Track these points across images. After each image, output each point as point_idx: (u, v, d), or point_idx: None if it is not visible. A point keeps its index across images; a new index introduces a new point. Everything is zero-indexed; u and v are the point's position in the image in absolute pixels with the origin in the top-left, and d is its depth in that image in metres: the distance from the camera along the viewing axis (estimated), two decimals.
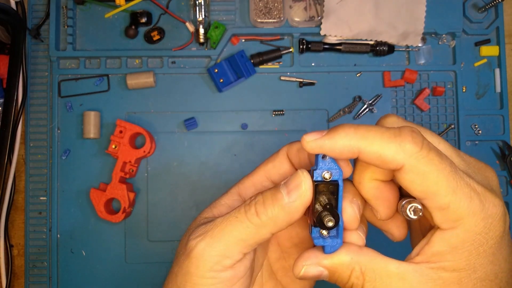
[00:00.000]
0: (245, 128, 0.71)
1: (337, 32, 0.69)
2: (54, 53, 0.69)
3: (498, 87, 0.73)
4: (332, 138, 0.32)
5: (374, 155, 0.31)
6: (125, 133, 0.66)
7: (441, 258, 0.31)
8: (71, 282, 0.68)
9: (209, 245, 0.34)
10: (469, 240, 0.30)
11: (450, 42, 0.72)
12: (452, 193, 0.30)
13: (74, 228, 0.69)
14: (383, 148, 0.31)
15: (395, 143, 0.30)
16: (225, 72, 0.70)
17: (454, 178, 0.30)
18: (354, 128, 0.32)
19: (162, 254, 0.69)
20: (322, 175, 0.33)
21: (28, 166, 0.69)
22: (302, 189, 0.33)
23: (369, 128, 0.32)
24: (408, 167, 0.30)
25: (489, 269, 0.31)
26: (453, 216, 0.30)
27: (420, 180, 0.30)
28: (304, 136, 0.33)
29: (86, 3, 0.71)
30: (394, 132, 0.31)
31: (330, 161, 0.33)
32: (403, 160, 0.30)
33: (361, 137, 0.31)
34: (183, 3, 0.71)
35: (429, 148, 0.31)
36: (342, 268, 0.33)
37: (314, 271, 0.34)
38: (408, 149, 0.30)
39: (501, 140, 0.72)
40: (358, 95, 0.72)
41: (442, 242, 0.31)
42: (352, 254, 0.33)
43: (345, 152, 0.32)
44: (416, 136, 0.31)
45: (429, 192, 0.31)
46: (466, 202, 0.30)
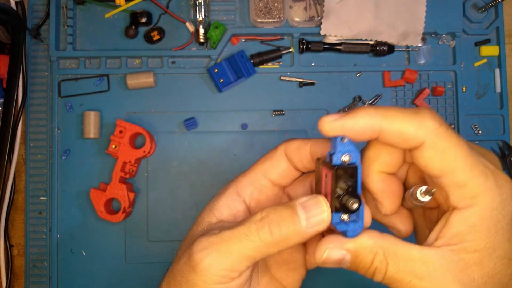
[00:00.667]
0: (245, 128, 0.71)
1: (337, 32, 0.69)
2: (54, 53, 0.69)
3: (498, 87, 0.73)
4: (354, 117, 0.32)
5: (395, 133, 0.32)
6: (125, 133, 0.66)
7: (461, 239, 0.31)
8: (71, 282, 0.68)
9: (216, 260, 0.33)
10: (487, 217, 0.31)
11: (450, 42, 0.72)
12: (469, 170, 0.31)
13: (74, 228, 0.69)
14: (404, 126, 0.31)
15: (416, 120, 0.31)
16: (225, 72, 0.70)
17: (471, 156, 0.31)
18: (374, 108, 0.32)
19: (162, 254, 0.69)
20: (341, 158, 0.33)
21: (28, 166, 0.69)
22: (323, 218, 0.33)
23: (389, 108, 0.32)
24: (429, 143, 0.31)
25: (507, 247, 0.31)
26: (470, 193, 0.31)
27: (440, 157, 0.31)
28: (323, 117, 0.33)
29: (86, 3, 0.71)
30: (414, 110, 0.32)
31: (348, 144, 0.33)
32: (424, 136, 0.31)
33: (382, 116, 0.32)
34: (183, 3, 0.71)
35: (447, 126, 0.32)
36: (365, 252, 0.33)
37: (337, 255, 0.33)
38: (429, 125, 0.31)
39: (501, 140, 0.72)
40: (358, 95, 0.72)
41: (461, 222, 0.31)
42: (375, 238, 0.33)
43: (367, 131, 0.32)
44: (434, 114, 0.32)
45: (447, 169, 0.31)
46: (482, 179, 0.31)
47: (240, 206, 0.39)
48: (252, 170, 0.40)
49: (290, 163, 0.39)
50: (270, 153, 0.40)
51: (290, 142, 0.39)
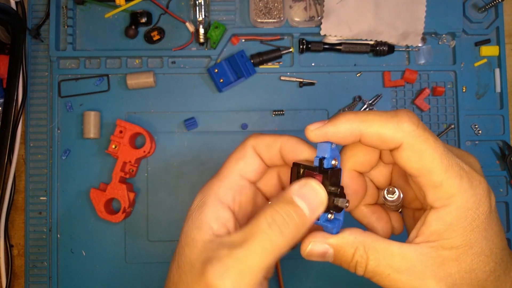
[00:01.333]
0: (245, 128, 0.71)
1: (337, 32, 0.69)
2: (54, 53, 0.69)
3: (498, 87, 0.73)
4: (334, 124, 0.34)
5: (374, 136, 0.33)
6: (125, 133, 0.66)
7: (439, 237, 0.33)
8: (71, 282, 0.68)
9: (237, 282, 0.32)
10: (462, 216, 0.33)
11: (450, 42, 0.72)
12: (445, 171, 0.32)
13: (74, 228, 0.69)
14: (382, 128, 0.33)
15: (393, 122, 0.33)
16: (225, 72, 0.70)
17: (446, 157, 0.33)
18: (354, 114, 0.34)
19: (162, 254, 0.69)
20: (331, 162, 0.35)
21: (28, 166, 0.69)
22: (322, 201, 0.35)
23: (368, 112, 0.34)
24: (406, 145, 0.33)
25: (484, 244, 0.33)
26: (445, 193, 0.33)
27: (417, 158, 0.33)
28: (308, 126, 0.35)
29: (86, 3, 0.71)
30: (391, 113, 0.33)
31: (335, 148, 0.36)
32: (402, 138, 0.33)
33: (361, 120, 0.34)
34: (183, 3, 0.71)
35: (424, 128, 0.33)
36: (346, 246, 0.35)
37: (321, 248, 0.35)
38: (406, 127, 0.33)
39: (501, 140, 0.72)
40: (358, 95, 0.72)
41: (437, 221, 0.33)
42: (356, 234, 0.35)
43: (348, 136, 0.34)
44: (412, 116, 0.33)
45: (424, 170, 0.33)
46: (457, 180, 0.32)
47: (227, 214, 0.37)
48: (227, 174, 0.39)
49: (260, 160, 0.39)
50: (240, 152, 0.39)
51: (259, 139, 0.39)
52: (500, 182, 0.72)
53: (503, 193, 0.72)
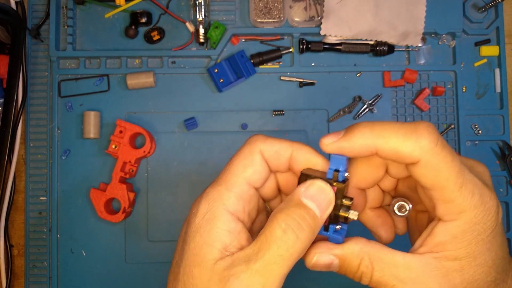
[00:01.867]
0: (245, 128, 0.71)
1: (337, 32, 0.69)
2: (54, 53, 0.69)
3: (498, 87, 0.73)
4: (349, 140, 0.34)
5: (391, 152, 0.33)
6: (125, 133, 0.66)
7: (443, 248, 0.33)
8: (71, 282, 0.68)
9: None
10: (469, 231, 0.33)
11: (450, 42, 0.72)
12: (458, 189, 0.32)
13: (74, 228, 0.69)
14: (400, 145, 0.32)
15: (411, 139, 0.32)
16: (225, 72, 0.70)
17: (462, 175, 0.33)
18: (369, 128, 0.33)
19: (162, 254, 0.69)
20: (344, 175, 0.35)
21: (28, 166, 0.69)
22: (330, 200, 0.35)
23: (385, 125, 0.33)
24: (424, 162, 0.32)
25: (487, 256, 0.33)
26: (457, 209, 0.33)
27: (432, 175, 0.32)
28: (322, 139, 0.35)
29: (86, 3, 0.71)
30: (411, 127, 0.32)
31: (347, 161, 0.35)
32: (420, 156, 0.32)
33: (377, 136, 0.33)
34: (183, 3, 0.71)
35: (443, 146, 0.32)
36: (352, 257, 0.35)
37: (326, 259, 0.35)
38: (425, 145, 0.32)
39: (501, 140, 0.72)
40: (358, 95, 0.72)
41: (444, 232, 0.33)
42: (361, 245, 0.35)
43: (363, 151, 0.34)
44: (432, 132, 0.32)
45: (438, 186, 0.33)
46: (469, 197, 0.32)
47: (238, 226, 0.35)
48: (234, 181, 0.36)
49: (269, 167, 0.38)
50: (247, 157, 0.37)
51: (267, 144, 0.37)
52: (500, 182, 0.72)
53: (503, 193, 0.72)
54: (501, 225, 0.34)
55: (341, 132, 0.34)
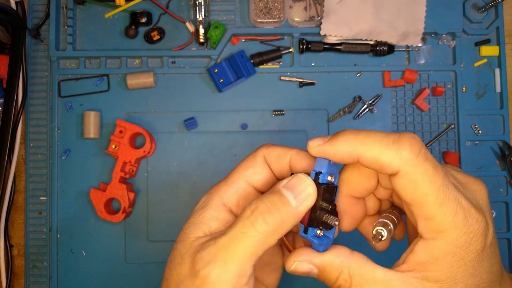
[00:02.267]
0: (245, 128, 0.71)
1: (337, 32, 0.69)
2: (54, 53, 0.69)
3: (498, 87, 0.73)
4: (333, 144, 0.34)
5: (372, 161, 0.33)
6: (125, 133, 0.66)
7: (424, 268, 0.32)
8: (71, 282, 0.68)
9: (223, 270, 0.33)
10: (450, 253, 0.32)
11: (450, 42, 0.72)
12: (439, 206, 0.31)
13: (74, 228, 0.69)
14: (380, 154, 0.32)
15: (392, 149, 0.32)
16: (225, 72, 0.70)
17: (443, 192, 0.31)
18: (354, 135, 0.33)
19: (162, 254, 0.69)
20: (327, 178, 0.35)
21: (28, 166, 0.69)
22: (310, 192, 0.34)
23: (369, 134, 0.33)
24: (403, 173, 0.32)
25: (470, 282, 0.32)
26: (436, 227, 0.32)
27: (411, 188, 0.32)
28: (309, 142, 0.35)
29: (86, 3, 0.71)
30: (394, 138, 0.32)
31: (333, 165, 0.35)
32: (399, 166, 0.32)
33: (360, 143, 0.33)
34: (183, 3, 0.71)
35: (426, 158, 0.32)
36: (331, 268, 0.34)
37: (305, 268, 0.35)
38: (405, 155, 0.31)
39: (501, 140, 0.72)
40: (358, 95, 0.72)
41: (425, 251, 0.33)
42: (342, 257, 0.34)
43: (346, 157, 0.34)
44: (415, 143, 0.32)
45: (417, 201, 0.32)
46: (450, 216, 0.31)
47: (228, 216, 0.38)
48: (234, 179, 0.39)
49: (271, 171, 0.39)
50: (250, 160, 0.39)
51: (270, 149, 0.39)
52: (500, 182, 0.72)
53: (503, 193, 0.72)
54: (491, 247, 0.33)
55: (327, 137, 0.35)
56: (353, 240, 0.44)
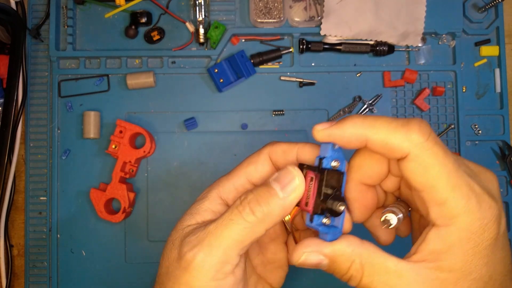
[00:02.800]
0: (245, 128, 0.71)
1: (337, 32, 0.69)
2: (54, 53, 0.69)
3: (498, 87, 0.73)
4: (340, 127, 0.33)
5: (380, 143, 0.32)
6: (125, 133, 0.66)
7: (438, 257, 0.32)
8: (71, 282, 0.68)
9: (208, 254, 0.33)
10: (464, 239, 0.31)
11: (450, 42, 0.72)
12: (451, 190, 0.30)
13: (74, 228, 0.69)
14: (389, 137, 0.31)
15: (401, 132, 0.31)
16: (225, 72, 0.70)
17: (455, 175, 0.31)
18: (362, 118, 0.33)
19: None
20: (331, 163, 0.34)
21: (28, 166, 0.69)
22: (296, 183, 0.34)
23: (377, 117, 0.33)
24: (413, 156, 0.31)
25: (484, 271, 0.31)
26: (449, 212, 0.31)
27: (422, 171, 0.31)
28: (315, 125, 0.34)
29: (86, 3, 0.71)
30: (402, 122, 0.32)
31: (339, 150, 0.35)
32: (408, 148, 0.31)
33: (368, 125, 0.32)
34: (183, 3, 0.71)
35: (435, 141, 0.31)
36: (342, 258, 0.33)
37: (314, 259, 0.34)
38: (414, 138, 0.31)
39: (501, 140, 0.72)
40: (358, 95, 0.72)
41: (438, 239, 0.32)
42: (354, 246, 0.34)
43: (353, 140, 0.33)
44: (424, 127, 0.31)
45: (428, 185, 0.31)
46: (463, 200, 0.30)
47: (223, 209, 0.38)
48: (235, 174, 0.40)
49: (273, 167, 0.39)
50: (254, 157, 0.40)
51: (275, 146, 0.39)
52: (500, 182, 0.72)
53: (503, 193, 0.72)
54: (503, 237, 0.32)
55: (334, 121, 0.34)
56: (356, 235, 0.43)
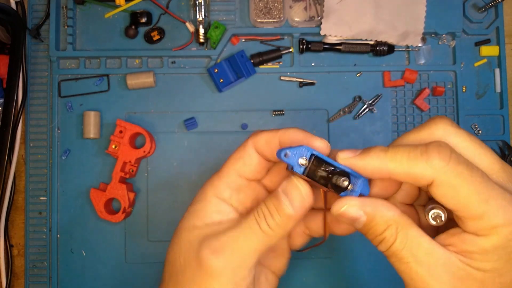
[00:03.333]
0: (245, 128, 0.71)
1: (337, 32, 0.69)
2: (54, 53, 0.69)
3: (498, 87, 0.73)
4: (364, 159, 0.34)
5: (403, 175, 0.33)
6: (125, 133, 0.66)
7: (471, 256, 0.32)
8: (71, 282, 0.68)
9: (229, 260, 0.35)
10: (500, 247, 0.31)
11: (450, 42, 0.72)
12: (484, 203, 0.31)
13: (74, 228, 0.69)
14: (411, 168, 0.32)
15: (421, 161, 0.32)
16: (225, 72, 0.70)
17: (486, 189, 0.31)
18: (384, 151, 0.34)
19: (162, 254, 0.68)
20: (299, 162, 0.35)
21: (28, 166, 0.69)
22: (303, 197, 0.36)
23: (398, 150, 0.33)
24: (438, 181, 0.31)
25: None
26: (488, 225, 0.31)
27: (451, 194, 0.31)
28: (340, 153, 0.35)
29: (86, 3, 0.71)
30: (421, 149, 0.32)
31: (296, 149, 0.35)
32: (432, 175, 0.31)
33: (389, 159, 0.33)
34: (183, 3, 0.71)
35: (458, 162, 0.31)
36: (381, 220, 0.34)
37: (354, 213, 0.35)
38: (436, 164, 0.31)
39: (501, 140, 0.72)
40: (358, 95, 0.72)
41: (473, 243, 0.32)
42: (394, 212, 0.34)
43: (376, 173, 0.34)
44: (443, 151, 0.31)
45: (461, 205, 0.31)
46: (500, 211, 0.31)
47: (227, 208, 0.40)
48: (225, 172, 0.41)
49: (261, 158, 0.40)
50: (240, 151, 0.41)
51: (258, 137, 0.40)
52: None
53: None
54: None
55: (358, 151, 0.35)
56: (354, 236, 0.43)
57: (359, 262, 0.69)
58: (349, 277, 0.69)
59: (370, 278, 0.69)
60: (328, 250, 0.70)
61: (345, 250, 0.69)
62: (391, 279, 0.68)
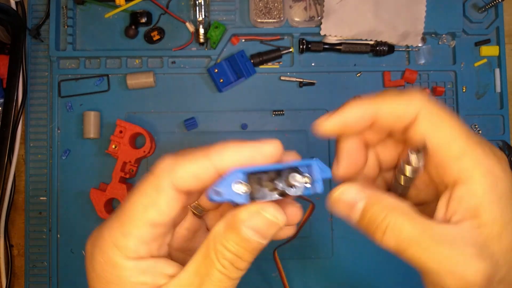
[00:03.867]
0: (245, 128, 0.71)
1: (337, 32, 0.69)
2: (54, 53, 0.69)
3: (498, 87, 0.73)
4: (347, 109, 0.33)
5: (388, 114, 0.32)
6: (125, 133, 0.66)
7: (476, 213, 0.30)
8: (71, 282, 0.68)
9: None
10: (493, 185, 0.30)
11: (450, 42, 0.72)
12: (465, 141, 0.30)
13: (74, 228, 0.69)
14: (395, 105, 0.32)
15: (405, 98, 0.32)
16: (225, 72, 0.70)
17: (465, 128, 0.31)
18: (367, 98, 0.33)
19: None
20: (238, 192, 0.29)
21: (28, 166, 0.69)
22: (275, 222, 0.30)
23: (379, 93, 0.33)
24: (421, 116, 0.32)
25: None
26: (471, 162, 0.30)
27: (434, 128, 0.31)
28: (317, 121, 0.33)
29: (86, 3, 0.71)
30: (403, 91, 0.33)
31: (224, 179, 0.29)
32: (416, 109, 0.32)
33: (374, 101, 0.33)
34: (183, 3, 0.71)
35: (437, 102, 0.32)
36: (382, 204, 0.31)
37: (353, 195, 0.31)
38: (418, 101, 0.32)
39: (501, 140, 0.72)
40: (358, 95, 0.72)
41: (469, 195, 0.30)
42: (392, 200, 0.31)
43: (362, 119, 0.33)
44: (424, 93, 0.32)
45: (444, 140, 0.31)
46: (479, 149, 0.30)
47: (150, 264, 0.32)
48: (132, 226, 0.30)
49: (185, 199, 0.31)
50: (149, 194, 0.30)
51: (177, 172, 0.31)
52: None
53: None
54: None
55: (332, 111, 0.33)
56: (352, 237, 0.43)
57: (359, 262, 0.69)
58: (349, 277, 0.69)
59: (370, 278, 0.69)
60: (328, 250, 0.70)
61: (345, 250, 0.69)
62: (391, 279, 0.68)
